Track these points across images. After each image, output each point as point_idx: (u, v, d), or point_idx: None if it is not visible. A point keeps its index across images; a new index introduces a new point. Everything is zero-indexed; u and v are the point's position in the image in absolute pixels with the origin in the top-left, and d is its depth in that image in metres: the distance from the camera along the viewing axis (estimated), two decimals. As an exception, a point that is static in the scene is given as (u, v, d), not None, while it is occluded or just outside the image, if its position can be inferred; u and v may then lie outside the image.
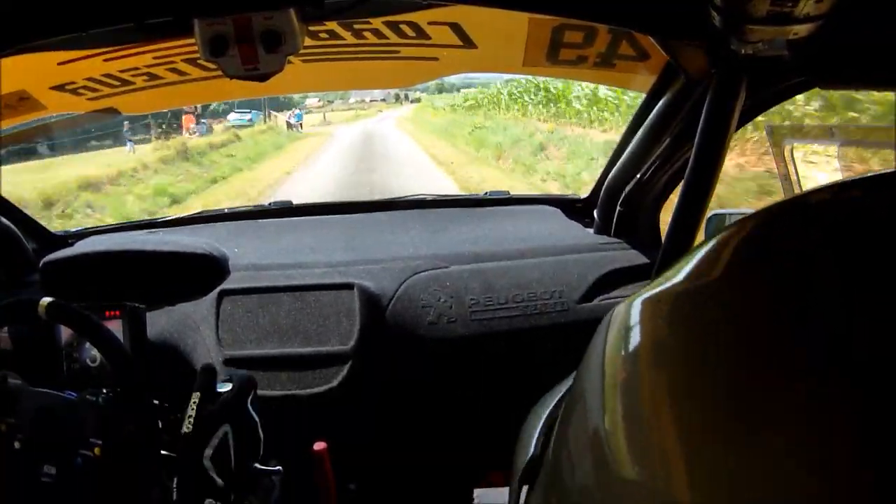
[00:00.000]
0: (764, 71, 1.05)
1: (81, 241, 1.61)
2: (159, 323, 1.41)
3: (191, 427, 1.06)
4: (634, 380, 0.44)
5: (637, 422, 0.41)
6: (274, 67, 0.98)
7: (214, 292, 1.43)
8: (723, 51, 0.98)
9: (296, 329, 1.40)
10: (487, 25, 1.35)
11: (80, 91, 1.44)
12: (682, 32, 1.01)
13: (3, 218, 1.52)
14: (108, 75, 1.41)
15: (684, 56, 1.15)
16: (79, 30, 0.94)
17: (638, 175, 1.46)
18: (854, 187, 0.47)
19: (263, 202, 2.01)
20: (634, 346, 0.47)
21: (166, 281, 1.45)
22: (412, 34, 1.34)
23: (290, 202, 1.91)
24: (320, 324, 1.40)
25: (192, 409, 1.06)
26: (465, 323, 1.41)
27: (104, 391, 1.09)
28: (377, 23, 1.30)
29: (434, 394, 1.43)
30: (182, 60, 1.38)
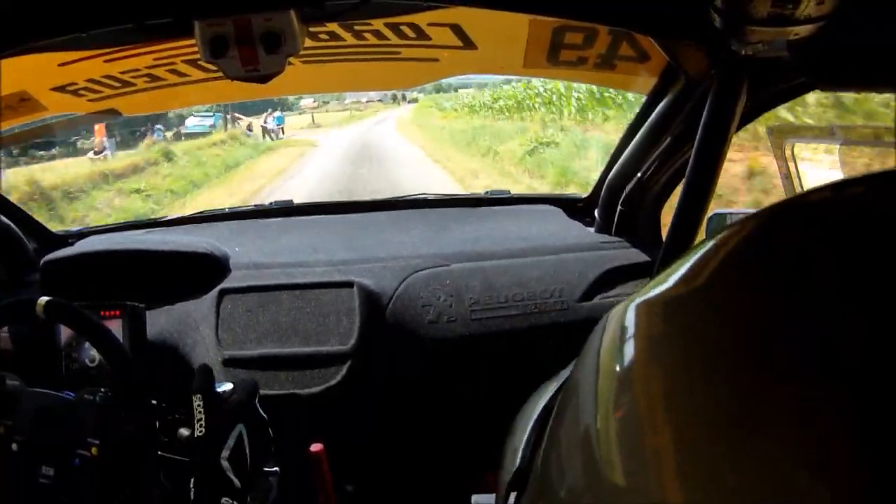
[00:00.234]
0: (764, 72, 1.05)
1: (82, 241, 1.61)
2: (159, 322, 1.41)
3: (203, 430, 1.04)
4: (629, 382, 0.44)
5: (630, 424, 0.41)
6: (274, 68, 0.98)
7: (214, 291, 1.43)
8: (723, 52, 0.98)
9: (295, 328, 1.39)
10: (488, 27, 1.35)
11: (81, 92, 1.44)
12: (683, 33, 1.01)
13: (4, 217, 1.52)
14: (109, 76, 1.41)
15: (685, 57, 1.15)
16: (79, 30, 0.94)
17: (639, 174, 1.46)
18: (854, 186, 0.47)
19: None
20: (630, 348, 0.47)
21: (167, 280, 1.45)
22: (413, 35, 1.34)
23: (291, 201, 1.91)
24: (320, 322, 1.40)
25: (199, 412, 1.05)
26: (466, 322, 1.41)
27: (102, 391, 1.09)
28: (378, 24, 1.30)
29: (434, 393, 1.43)
30: (182, 62, 1.38)
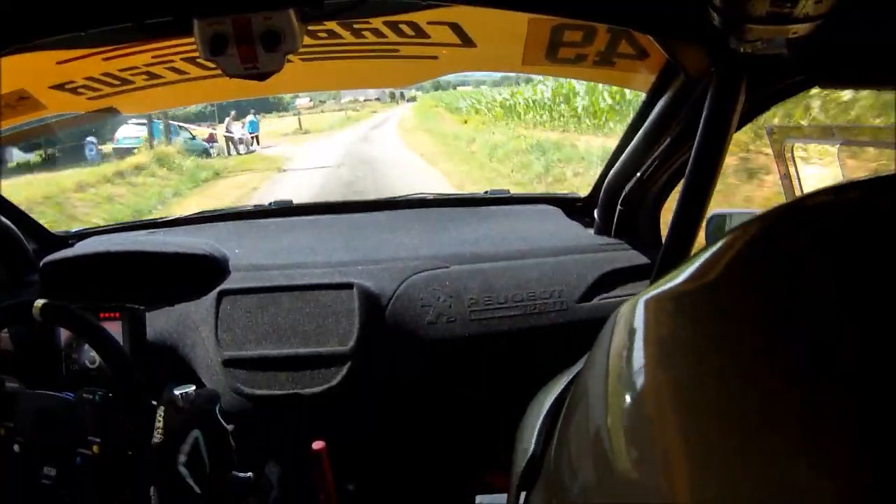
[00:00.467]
0: (763, 70, 1.05)
1: (81, 242, 1.61)
2: (159, 323, 1.40)
3: (161, 436, 1.06)
4: (639, 380, 0.44)
5: (641, 422, 0.41)
6: (273, 66, 0.98)
7: (214, 292, 1.43)
8: (722, 50, 0.98)
9: (295, 329, 1.39)
10: (487, 25, 1.35)
11: (80, 90, 1.44)
12: (682, 32, 1.01)
13: (4, 218, 1.52)
14: (108, 74, 1.40)
15: (684, 55, 1.15)
16: (78, 29, 0.94)
17: (638, 174, 1.46)
18: (854, 190, 0.47)
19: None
20: (639, 344, 0.47)
21: (166, 281, 1.45)
22: (411, 33, 1.34)
23: (291, 201, 1.91)
24: (319, 324, 1.39)
25: (159, 421, 1.07)
26: (465, 323, 1.41)
27: (101, 391, 1.09)
28: (376, 22, 1.30)
29: (433, 393, 1.43)
30: (181, 59, 1.38)
